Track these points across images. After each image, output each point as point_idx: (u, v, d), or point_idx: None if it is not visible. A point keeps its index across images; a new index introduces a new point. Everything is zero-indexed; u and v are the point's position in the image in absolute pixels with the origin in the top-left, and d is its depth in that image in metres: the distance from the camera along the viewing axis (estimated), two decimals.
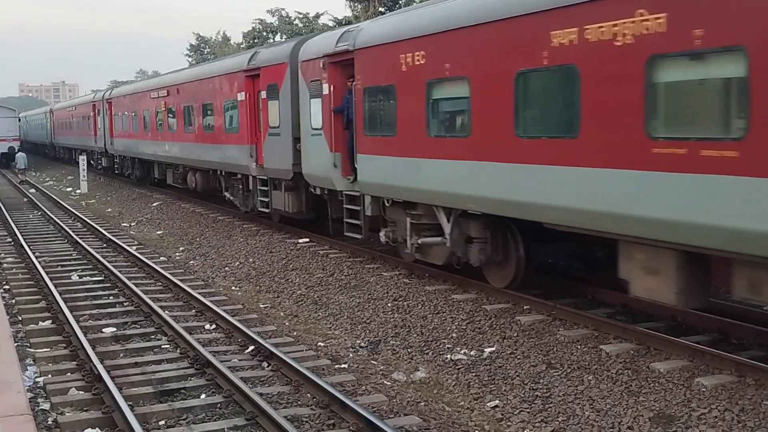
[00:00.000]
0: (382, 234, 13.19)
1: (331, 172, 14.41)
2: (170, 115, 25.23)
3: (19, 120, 54.65)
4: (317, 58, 14.78)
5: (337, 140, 14.30)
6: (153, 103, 27.03)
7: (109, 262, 15.46)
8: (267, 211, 18.38)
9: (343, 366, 9.36)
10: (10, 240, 19.14)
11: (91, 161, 39.36)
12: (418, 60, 11.46)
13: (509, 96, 9.78)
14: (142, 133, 28.85)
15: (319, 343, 10.42)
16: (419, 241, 12.02)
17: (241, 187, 20.13)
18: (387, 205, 12.99)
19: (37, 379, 8.67)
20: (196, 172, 23.62)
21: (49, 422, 7.50)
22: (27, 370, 8.83)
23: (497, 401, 8.20)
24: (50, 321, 11.31)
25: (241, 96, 18.82)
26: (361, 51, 13.20)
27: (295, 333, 10.93)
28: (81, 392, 8.30)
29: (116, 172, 35.75)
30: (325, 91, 14.47)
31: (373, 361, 9.69)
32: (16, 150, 45.32)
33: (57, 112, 53.35)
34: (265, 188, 18.05)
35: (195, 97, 22.63)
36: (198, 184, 23.68)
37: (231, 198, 21.08)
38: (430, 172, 11.42)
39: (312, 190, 15.81)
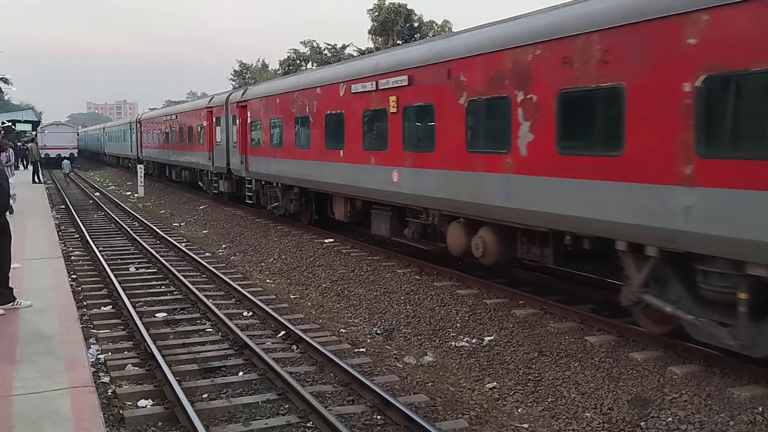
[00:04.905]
0: None
1: None
2: (410, 120, 12.52)
3: (78, 134, 61.81)
4: None
5: None
6: (360, 101, 14.12)
7: (161, 256, 15.55)
8: None
9: (361, 350, 9.38)
10: (78, 236, 19.29)
11: (200, 183, 28.41)
12: None
13: None
14: (320, 149, 16.09)
15: (341, 330, 10.44)
16: None
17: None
18: None
19: (99, 356, 8.75)
20: (481, 227, 10.79)
21: (109, 393, 7.57)
22: (90, 348, 8.92)
23: (495, 383, 8.19)
24: (111, 306, 11.38)
25: None
26: None
27: (320, 321, 10.96)
28: (136, 368, 8.37)
29: (249, 201, 21.83)
30: None
31: (387, 347, 9.70)
32: (75, 156, 55.55)
33: (146, 122, 39.68)
34: None
35: (523, 78, 9.41)
36: (488, 251, 10.69)
37: (706, 328, 7.37)
38: None
39: None
